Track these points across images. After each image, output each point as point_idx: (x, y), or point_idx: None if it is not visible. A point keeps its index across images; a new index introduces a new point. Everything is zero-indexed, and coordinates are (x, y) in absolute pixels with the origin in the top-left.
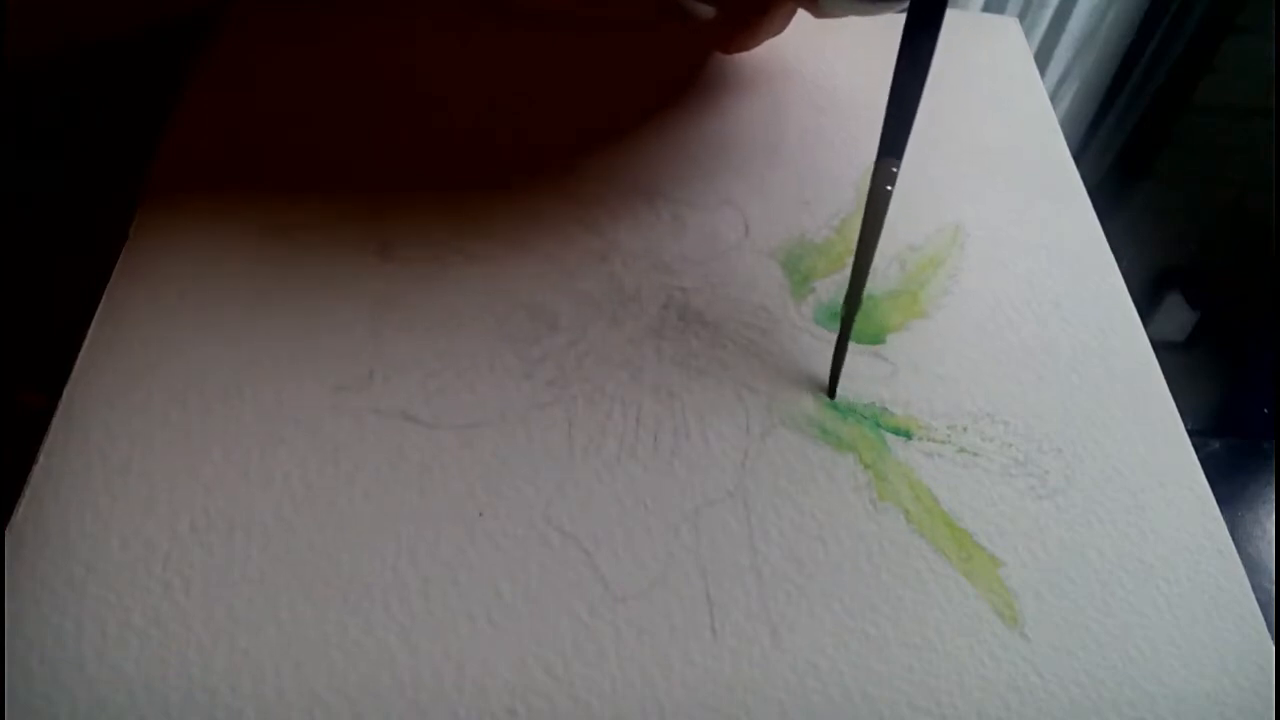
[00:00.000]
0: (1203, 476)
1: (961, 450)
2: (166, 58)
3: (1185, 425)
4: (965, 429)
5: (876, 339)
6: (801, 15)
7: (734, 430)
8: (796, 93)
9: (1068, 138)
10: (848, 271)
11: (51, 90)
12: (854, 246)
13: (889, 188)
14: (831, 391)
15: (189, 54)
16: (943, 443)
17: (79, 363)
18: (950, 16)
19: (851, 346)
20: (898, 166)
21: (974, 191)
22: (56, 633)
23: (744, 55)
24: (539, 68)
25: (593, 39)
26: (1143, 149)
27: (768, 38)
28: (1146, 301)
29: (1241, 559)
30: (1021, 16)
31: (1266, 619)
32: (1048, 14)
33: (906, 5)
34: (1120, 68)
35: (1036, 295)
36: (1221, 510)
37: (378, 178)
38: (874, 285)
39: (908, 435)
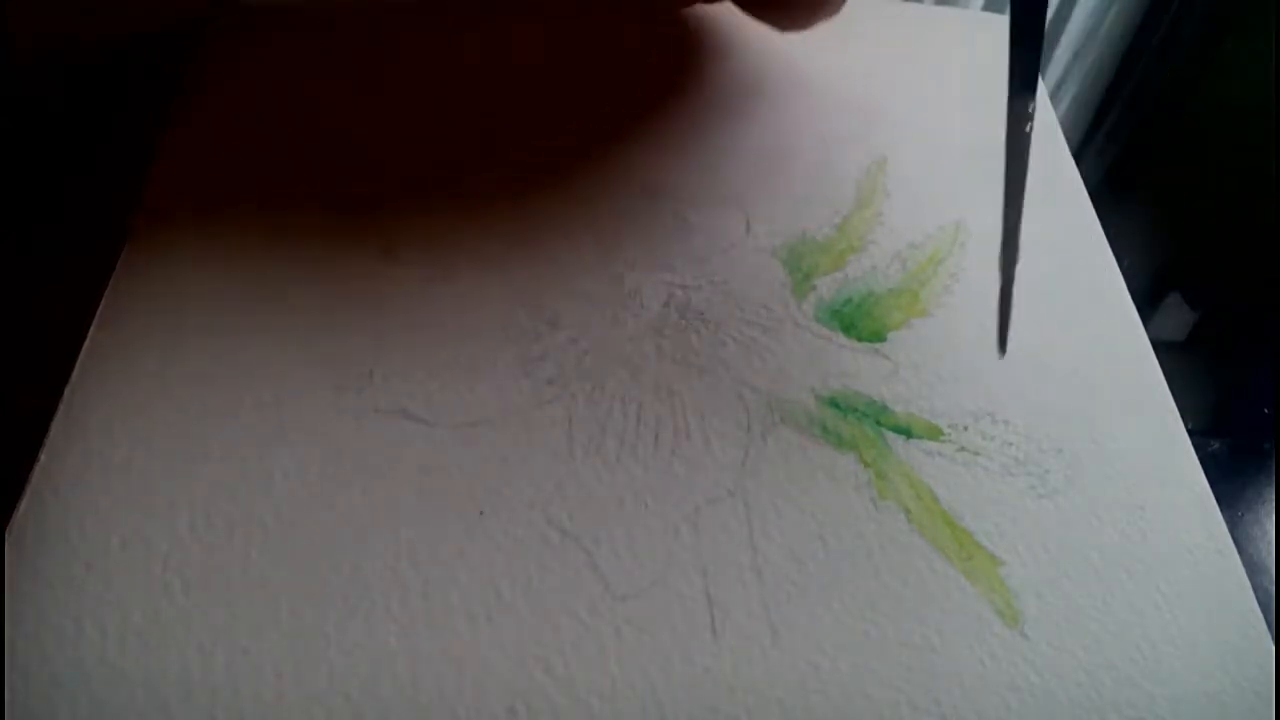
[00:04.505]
0: (1203, 476)
1: (962, 449)
2: (166, 58)
3: (1185, 425)
4: (965, 428)
5: (877, 337)
6: None
7: (734, 429)
8: (798, 91)
9: (1068, 137)
10: (849, 270)
11: (52, 91)
12: (855, 244)
13: (1028, 129)
14: (1002, 345)
15: (189, 54)
16: (943, 442)
17: (79, 363)
18: (949, 16)
19: (851, 345)
20: (1033, 104)
21: (974, 191)
22: (56, 633)
23: (745, 55)
24: (540, 66)
25: (593, 39)
26: (1143, 149)
27: (825, 18)
28: (1146, 301)
29: (1241, 559)
30: None
31: (1266, 619)
32: (1048, 14)
33: None
34: (1120, 68)
35: (1036, 295)
36: (1221, 510)
37: (379, 177)
38: (874, 283)
39: (908, 434)
